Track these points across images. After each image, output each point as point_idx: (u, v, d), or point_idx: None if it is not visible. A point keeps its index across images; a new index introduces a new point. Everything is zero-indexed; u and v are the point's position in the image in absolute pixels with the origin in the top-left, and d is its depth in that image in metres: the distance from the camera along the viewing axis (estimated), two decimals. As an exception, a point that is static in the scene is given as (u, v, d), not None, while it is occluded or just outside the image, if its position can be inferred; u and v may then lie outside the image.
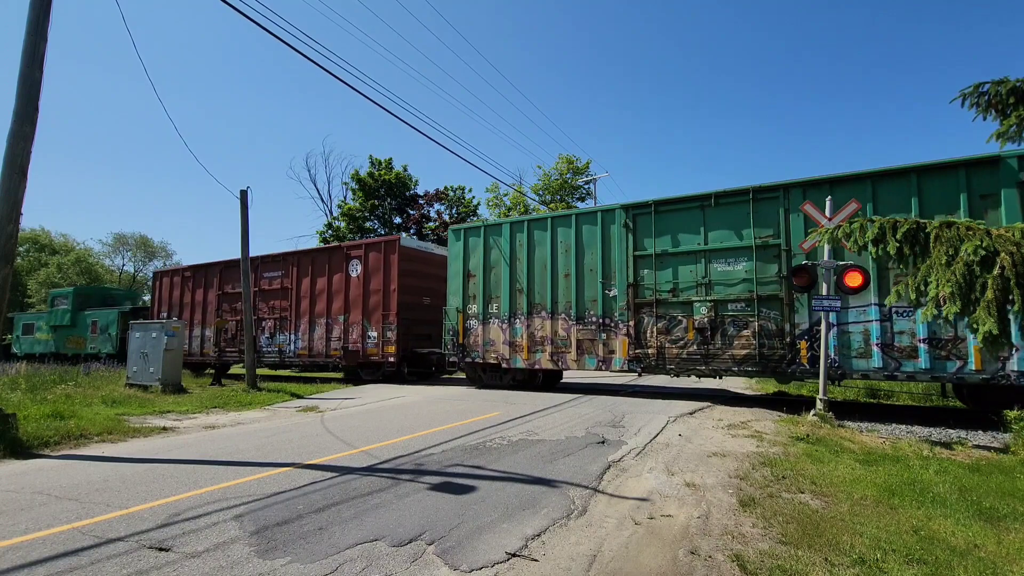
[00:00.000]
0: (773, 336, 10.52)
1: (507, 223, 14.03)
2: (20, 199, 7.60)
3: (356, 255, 16.73)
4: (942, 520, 4.23)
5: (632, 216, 12.15)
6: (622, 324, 12.04)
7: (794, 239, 10.40)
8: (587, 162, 34.13)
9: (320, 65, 34.61)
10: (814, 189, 10.27)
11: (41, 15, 7.72)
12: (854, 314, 9.77)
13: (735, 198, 11.08)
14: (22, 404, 9.26)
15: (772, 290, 10.55)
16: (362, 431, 8.11)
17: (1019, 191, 8.71)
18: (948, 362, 9.06)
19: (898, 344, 9.43)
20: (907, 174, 9.51)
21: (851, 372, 9.85)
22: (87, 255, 52.49)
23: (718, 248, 11.13)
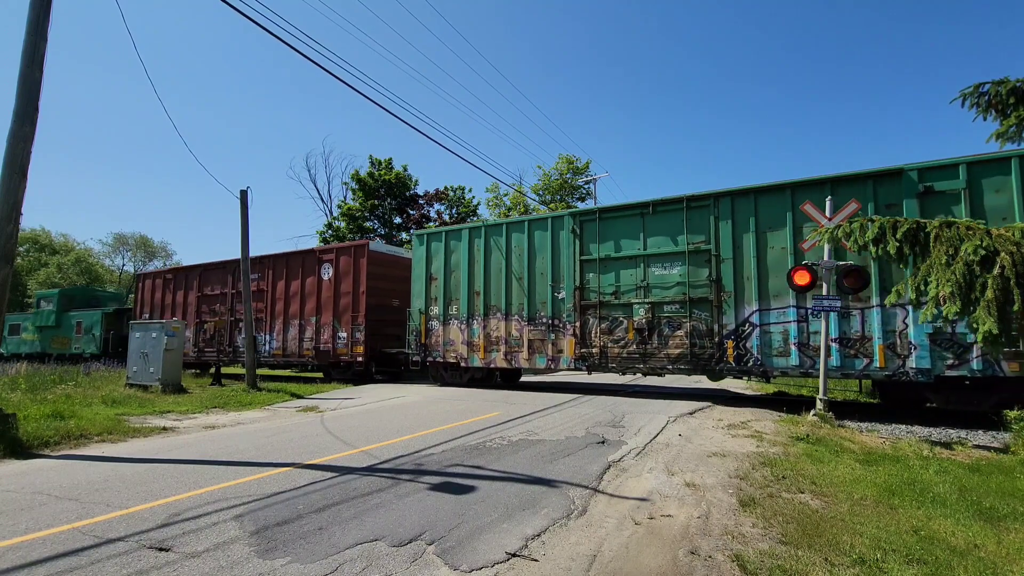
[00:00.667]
0: (704, 336, 11.23)
1: (466, 228, 14.69)
2: (20, 199, 7.61)
3: (327, 259, 17.23)
4: (942, 520, 4.22)
5: (579, 223, 12.84)
6: (569, 325, 12.73)
7: (723, 245, 11.15)
8: (587, 162, 34.12)
9: (320, 65, 34.63)
10: (742, 198, 11.03)
11: (41, 15, 7.72)
12: (775, 315, 10.49)
13: (671, 206, 11.81)
14: (22, 404, 9.26)
15: (703, 293, 11.27)
16: (362, 431, 8.11)
17: (919, 201, 9.35)
18: (856, 360, 9.75)
19: (813, 344, 10.05)
20: (823, 184, 10.20)
21: (772, 369, 10.54)
22: (87, 255, 52.49)
23: (656, 253, 11.86)
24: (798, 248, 10.30)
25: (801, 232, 10.36)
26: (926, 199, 9.32)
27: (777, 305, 10.49)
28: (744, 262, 10.90)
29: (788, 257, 10.36)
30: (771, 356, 10.48)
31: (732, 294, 11.00)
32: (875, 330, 9.61)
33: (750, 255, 10.80)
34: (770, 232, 10.70)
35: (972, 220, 6.33)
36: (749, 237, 10.86)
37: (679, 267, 11.58)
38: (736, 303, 10.89)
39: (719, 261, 11.14)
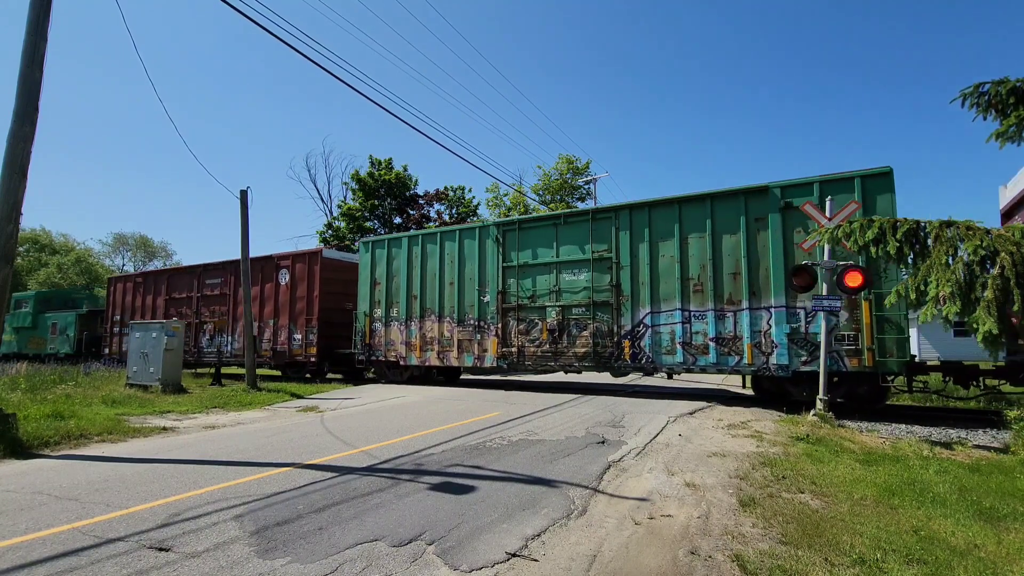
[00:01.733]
0: (605, 336, 12.27)
1: (406, 237, 15.74)
2: (20, 199, 7.60)
3: (284, 265, 18.10)
4: (942, 520, 4.22)
5: (502, 232, 13.87)
6: (493, 326, 13.75)
7: (622, 254, 12.23)
8: (587, 162, 34.11)
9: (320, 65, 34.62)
10: (639, 211, 12.16)
11: (41, 15, 7.72)
12: (664, 317, 11.59)
13: (580, 218, 12.97)
14: (22, 404, 9.26)
15: (605, 297, 12.31)
16: (362, 431, 8.11)
17: (782, 214, 10.45)
18: (729, 357, 10.89)
19: (695, 343, 11.23)
20: (704, 199, 11.36)
21: (661, 366, 11.77)
22: (87, 255, 52.49)
23: (566, 261, 12.93)
24: (684, 255, 11.49)
25: (688, 243, 11.51)
26: (787, 213, 10.43)
27: (666, 308, 11.60)
28: (640, 269, 11.99)
29: (676, 265, 11.54)
30: (660, 354, 11.59)
31: (629, 298, 12.05)
32: (745, 330, 10.70)
33: (645, 262, 11.92)
34: (661, 242, 11.82)
35: (972, 220, 6.33)
36: (644, 246, 11.97)
37: (585, 273, 12.64)
38: (632, 306, 11.98)
39: (619, 268, 12.21)
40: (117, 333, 22.57)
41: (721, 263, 11.05)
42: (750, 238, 10.82)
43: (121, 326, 22.34)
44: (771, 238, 10.55)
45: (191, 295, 20.53)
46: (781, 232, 10.46)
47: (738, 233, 10.92)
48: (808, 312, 10.13)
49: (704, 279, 11.26)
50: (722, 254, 11.11)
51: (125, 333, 21.53)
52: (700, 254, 11.34)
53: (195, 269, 20.86)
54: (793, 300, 10.36)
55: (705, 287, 11.23)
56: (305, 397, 12.93)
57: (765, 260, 10.65)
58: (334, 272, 17.63)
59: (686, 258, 11.44)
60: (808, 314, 10.14)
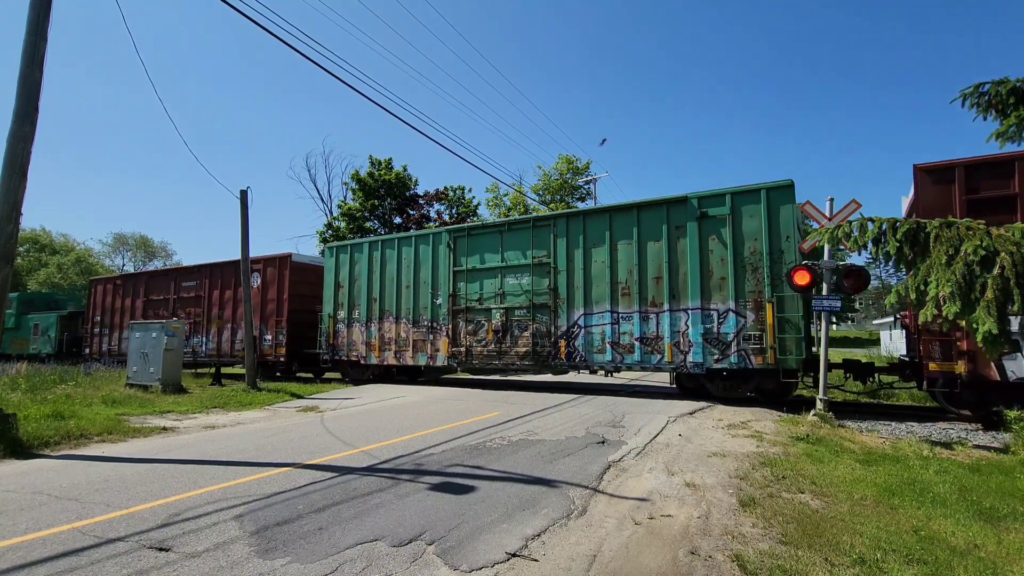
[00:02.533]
0: (544, 337, 13.08)
1: (367, 242, 16.43)
2: (20, 199, 7.60)
3: (256, 268, 18.63)
4: (942, 520, 4.22)
5: (454, 238, 14.67)
6: (444, 327, 14.52)
7: (559, 259, 13.04)
8: (587, 162, 34.15)
9: (320, 65, 34.61)
10: (575, 219, 13.02)
11: (41, 15, 7.72)
12: (596, 319, 12.42)
13: (523, 225, 13.79)
14: (22, 404, 9.26)
15: (544, 299, 13.14)
16: (362, 431, 8.11)
17: (698, 223, 11.32)
18: (652, 356, 11.73)
19: (622, 342, 12.04)
20: (631, 209, 12.28)
21: (593, 364, 12.53)
22: (87, 255, 52.52)
23: (510, 265, 13.73)
24: (614, 261, 12.31)
25: (617, 249, 12.32)
26: (703, 221, 11.27)
27: (598, 310, 12.40)
28: (575, 273, 12.79)
29: (606, 270, 12.38)
30: (592, 353, 12.38)
31: (565, 300, 12.87)
32: (665, 331, 11.55)
33: (579, 267, 12.73)
34: (594, 248, 12.61)
35: (972, 220, 6.33)
36: (579, 252, 12.77)
37: (527, 277, 13.47)
38: (568, 308, 12.80)
39: (556, 272, 13.05)
40: (98, 334, 23.31)
41: (646, 268, 11.91)
42: (671, 245, 11.70)
43: (101, 327, 23.20)
44: (689, 245, 11.45)
45: (168, 297, 21.36)
46: (698, 239, 11.35)
47: (661, 240, 11.80)
48: (720, 314, 11.04)
49: (631, 283, 12.08)
50: (647, 259, 11.96)
51: (105, 334, 23.10)
52: (628, 259, 12.15)
53: (171, 272, 21.98)
54: (708, 302, 11.20)
55: (632, 290, 12.05)
56: (305, 397, 12.93)
57: (684, 265, 11.51)
58: (303, 275, 18.37)
59: (615, 263, 12.29)
60: (720, 316, 11.04)
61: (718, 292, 11.12)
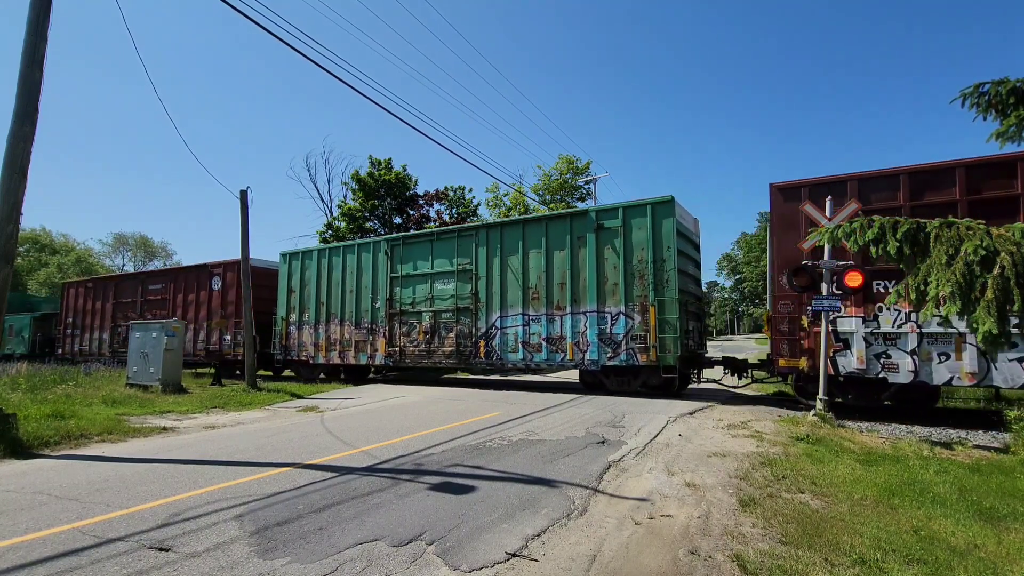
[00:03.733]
0: (466, 337, 14.19)
1: (316, 250, 17.56)
2: (20, 199, 7.60)
3: (217, 272, 19.76)
4: (942, 520, 4.22)
5: (391, 247, 15.85)
6: (382, 328, 15.67)
7: (480, 266, 14.16)
8: (587, 162, 34.06)
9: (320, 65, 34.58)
10: (494, 229, 14.22)
11: (41, 15, 7.72)
12: (510, 320, 13.57)
13: (449, 235, 14.97)
14: (22, 404, 9.26)
15: (467, 303, 14.26)
16: (362, 431, 8.11)
17: (596, 234, 12.54)
18: (557, 354, 12.93)
19: (532, 342, 13.25)
20: (541, 221, 13.60)
21: (507, 363, 13.67)
22: (87, 255, 52.53)
23: (439, 272, 14.88)
24: (526, 268, 13.48)
25: (529, 257, 13.45)
26: (600, 233, 12.51)
27: (512, 313, 13.58)
28: (493, 279, 13.93)
29: (520, 276, 13.56)
30: (507, 352, 13.54)
31: (485, 304, 13.99)
32: (568, 331, 12.75)
33: (497, 274, 13.88)
34: (510, 257, 13.77)
35: (972, 220, 6.32)
36: (497, 260, 13.92)
37: (453, 283, 14.60)
38: (487, 311, 13.94)
39: (477, 278, 14.18)
40: (70, 335, 24.43)
41: (553, 274, 13.12)
42: (573, 254, 12.88)
43: (73, 328, 24.37)
44: (588, 254, 12.63)
45: (135, 300, 22.40)
46: (595, 249, 12.54)
47: (565, 249, 12.99)
48: (612, 316, 12.25)
49: (540, 288, 13.29)
50: (554, 267, 13.16)
51: (77, 335, 24.23)
52: (538, 267, 13.36)
53: (139, 276, 23.34)
54: (603, 306, 12.39)
55: (541, 295, 13.27)
56: (305, 397, 12.93)
57: (584, 272, 12.71)
58: (260, 279, 18.98)
59: (527, 270, 13.49)
60: (612, 318, 12.25)
61: (611, 296, 12.34)
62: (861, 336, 9.64)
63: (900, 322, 9.43)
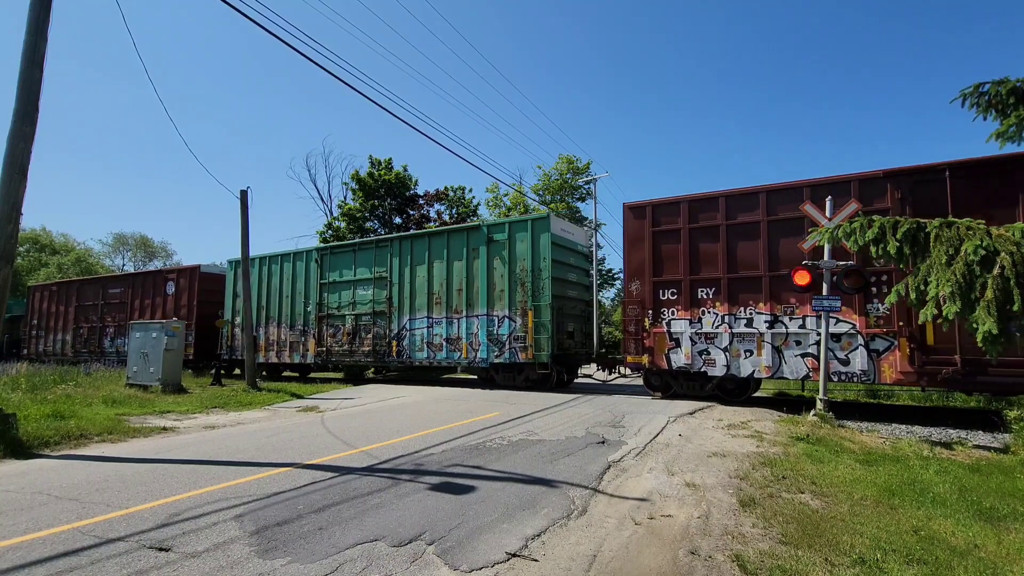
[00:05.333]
0: (382, 338, 15.91)
1: (257, 258, 18.94)
2: (20, 199, 7.60)
3: (171, 277, 21.55)
4: (942, 520, 4.22)
5: (320, 256, 17.59)
6: (313, 330, 17.38)
7: (394, 274, 15.82)
8: (587, 163, 34.03)
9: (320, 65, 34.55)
10: (406, 241, 15.90)
11: (41, 15, 7.71)
12: (418, 323, 15.30)
13: (369, 245, 16.65)
14: (22, 404, 9.26)
15: (382, 307, 15.97)
16: (362, 431, 8.11)
17: (487, 246, 14.18)
18: (455, 353, 14.59)
19: (435, 342, 14.93)
20: (443, 234, 15.27)
21: (414, 361, 15.33)
22: (87, 255, 52.46)
23: (360, 279, 16.55)
24: (431, 276, 15.16)
25: (433, 267, 15.08)
26: (490, 245, 14.17)
27: (420, 316, 15.25)
28: (404, 286, 15.62)
29: (426, 283, 15.21)
30: (415, 352, 15.24)
31: (397, 308, 15.68)
32: (463, 332, 14.38)
33: (408, 281, 15.59)
34: (418, 266, 15.44)
35: (972, 220, 6.33)
36: (408, 269, 15.62)
37: (371, 289, 16.28)
38: (399, 315, 15.64)
39: (391, 285, 15.87)
40: (35, 336, 25.71)
41: (452, 282, 14.76)
42: (469, 264, 14.52)
43: (39, 330, 25.72)
44: (481, 264, 14.26)
45: (97, 303, 23.66)
46: (487, 259, 14.18)
47: (463, 260, 14.62)
48: (499, 319, 13.91)
49: (442, 294, 14.92)
50: (453, 275, 14.79)
51: (42, 336, 25.57)
52: (440, 275, 14.99)
53: (100, 280, 24.59)
54: (492, 310, 14.00)
55: (442, 300, 14.91)
56: (305, 397, 12.93)
57: (477, 280, 14.33)
58: (210, 284, 20.86)
59: (432, 278, 15.13)
60: (499, 321, 13.91)
61: (499, 301, 13.94)
62: (688, 336, 11.19)
63: (717, 324, 10.91)
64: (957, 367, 8.76)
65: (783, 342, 10.29)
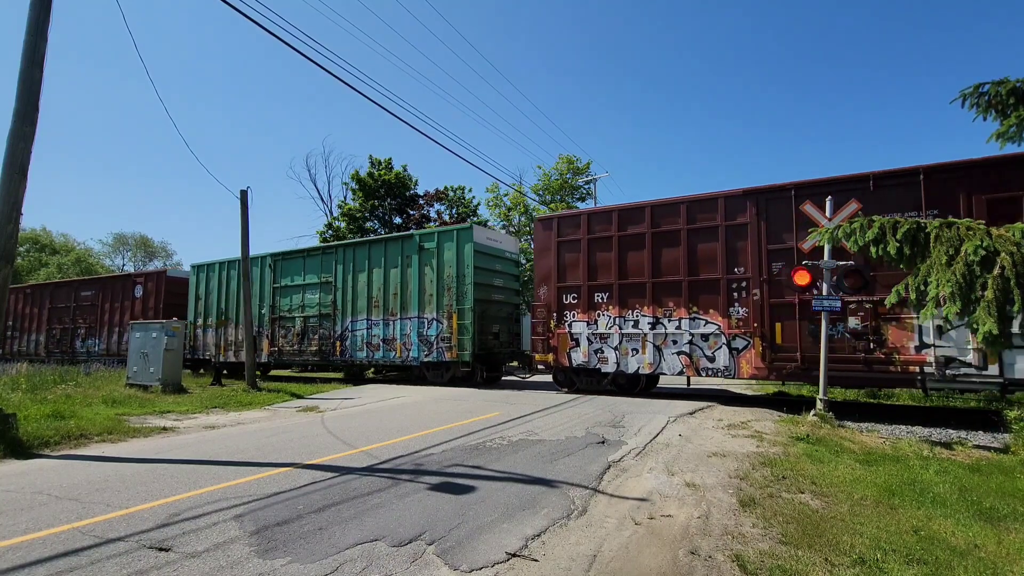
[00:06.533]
0: (327, 339, 17.05)
1: (217, 263, 20.26)
2: (20, 199, 7.60)
3: (139, 282, 22.65)
4: (942, 520, 4.22)
5: (274, 261, 18.70)
6: (266, 331, 18.49)
7: (338, 279, 16.94)
8: (588, 163, 34.02)
9: (320, 65, 34.57)
10: (349, 248, 17.00)
11: (41, 15, 7.72)
12: (359, 325, 16.38)
13: (317, 253, 17.85)
14: (22, 404, 9.26)
15: (328, 310, 17.10)
16: (362, 431, 8.11)
17: (419, 254, 15.42)
18: (391, 352, 15.77)
19: (373, 342, 16.08)
20: (381, 242, 16.46)
21: (355, 359, 16.46)
22: (87, 255, 52.50)
23: (309, 283, 17.67)
24: (371, 281, 16.31)
25: (373, 273, 16.21)
26: (422, 253, 15.43)
27: (360, 318, 16.38)
28: (347, 290, 16.72)
29: (366, 288, 16.32)
30: (356, 351, 16.38)
31: (341, 311, 16.78)
32: (398, 333, 15.62)
33: (350, 286, 16.69)
34: (359, 272, 16.57)
35: (972, 220, 6.32)
36: (350, 275, 16.73)
37: (319, 293, 17.39)
38: (343, 317, 16.73)
39: (336, 289, 16.96)
40: (11, 337, 26.84)
41: (389, 286, 15.91)
42: (403, 270, 15.69)
43: (14, 330, 26.84)
44: (413, 271, 15.46)
45: (69, 305, 24.59)
46: (418, 266, 15.36)
47: (398, 266, 15.79)
48: (428, 321, 15.05)
49: (380, 298, 16.04)
50: (390, 280, 15.92)
51: (17, 336, 26.76)
52: (379, 280, 16.10)
53: (72, 284, 25.50)
54: (423, 313, 15.18)
55: (380, 303, 16.01)
56: (305, 397, 12.93)
57: (410, 285, 15.52)
58: (176, 287, 21.82)
59: (371, 283, 16.24)
60: (428, 323, 15.06)
61: (429, 305, 15.06)
62: (586, 336, 12.41)
63: (610, 325, 12.07)
64: (798, 363, 10.06)
65: (663, 342, 11.52)
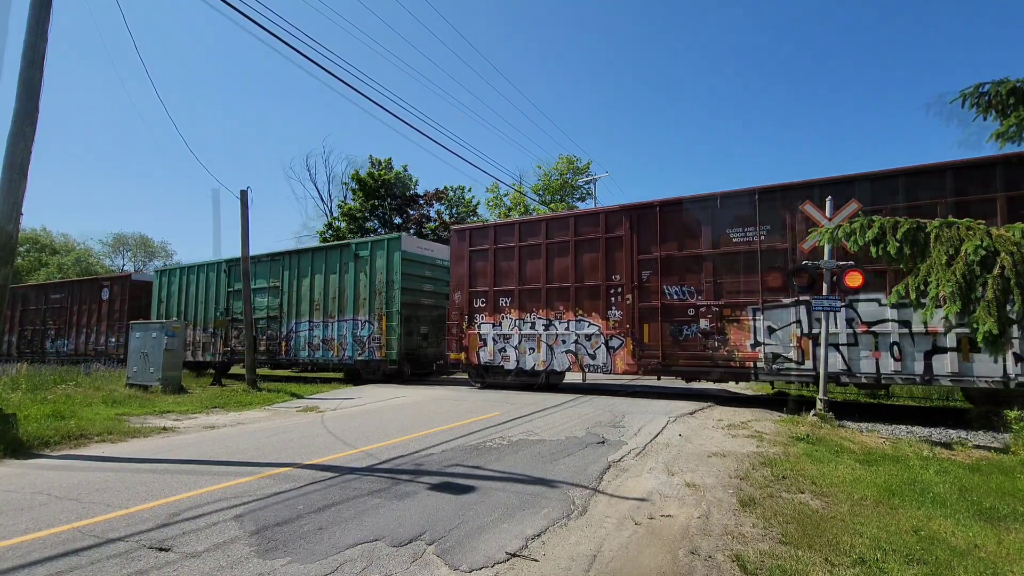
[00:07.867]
0: (275, 339, 18.18)
1: (178, 268, 21.45)
2: (20, 199, 7.60)
3: (106, 285, 23.44)
4: (942, 520, 4.22)
5: (228, 267, 19.54)
6: (220, 332, 19.55)
7: (285, 284, 18.02)
8: (588, 162, 34.09)
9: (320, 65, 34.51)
10: (295, 256, 18.14)
11: (41, 15, 7.72)
12: (303, 326, 17.47)
13: (267, 259, 18.71)
14: (22, 404, 9.25)
15: (276, 313, 18.21)
16: (362, 431, 8.11)
17: (355, 261, 16.46)
18: (330, 352, 16.72)
19: (314, 343, 17.19)
20: (322, 251, 17.62)
21: (299, 359, 17.60)
22: (87, 255, 52.46)
23: (260, 287, 18.49)
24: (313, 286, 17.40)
25: (315, 279, 17.27)
26: (357, 260, 16.42)
27: (304, 320, 17.46)
28: (293, 294, 17.83)
29: (309, 292, 17.40)
30: (299, 351, 17.51)
31: (287, 313, 17.92)
32: (335, 335, 16.62)
33: (295, 290, 17.79)
34: (303, 278, 17.62)
35: (972, 220, 6.32)
36: (296, 280, 17.82)
37: (269, 297, 18.43)
38: (289, 319, 17.85)
39: (283, 293, 18.07)
40: None
41: (329, 291, 16.93)
42: (341, 275, 16.72)
43: None
44: (350, 276, 16.48)
45: (40, 307, 25.58)
46: (354, 272, 16.38)
47: (337, 272, 16.83)
48: (362, 323, 16.02)
49: (321, 301, 17.12)
50: (330, 285, 16.94)
51: None
52: (320, 285, 17.15)
53: (44, 286, 26.56)
54: (357, 315, 16.20)
55: (321, 306, 17.10)
56: (305, 397, 12.93)
57: (347, 290, 16.53)
58: (140, 291, 22.60)
59: (314, 288, 17.31)
60: (362, 324, 16.02)
61: (363, 308, 16.08)
62: (492, 337, 13.57)
63: (512, 327, 13.30)
64: (659, 359, 11.26)
65: (554, 341, 12.75)
